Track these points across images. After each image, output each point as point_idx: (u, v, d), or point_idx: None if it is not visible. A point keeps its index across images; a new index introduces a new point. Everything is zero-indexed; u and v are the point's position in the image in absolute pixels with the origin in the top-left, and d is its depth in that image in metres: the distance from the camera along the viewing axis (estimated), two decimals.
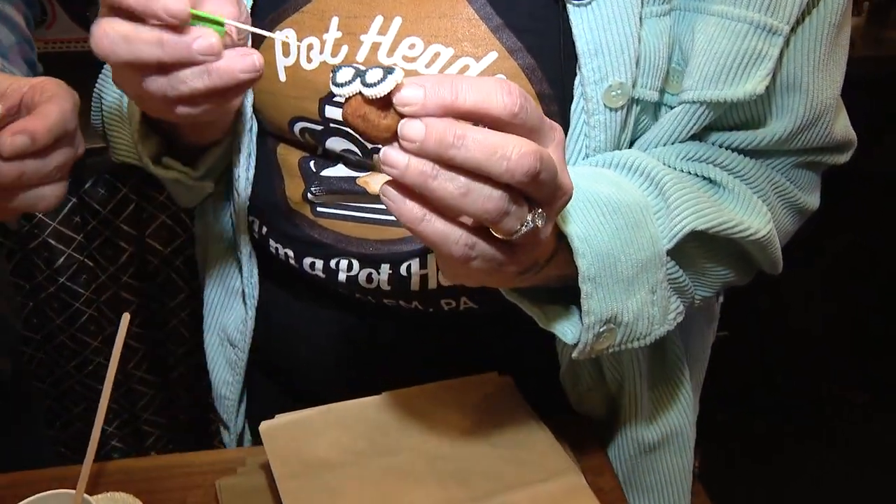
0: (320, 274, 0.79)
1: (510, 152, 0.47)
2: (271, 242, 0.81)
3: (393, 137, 0.48)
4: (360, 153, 0.73)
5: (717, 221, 0.66)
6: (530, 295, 0.65)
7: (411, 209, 0.49)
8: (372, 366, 0.82)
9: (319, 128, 0.73)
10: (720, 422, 1.26)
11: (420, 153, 0.47)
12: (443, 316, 0.78)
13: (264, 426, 0.73)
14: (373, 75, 0.48)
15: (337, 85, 0.49)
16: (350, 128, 0.50)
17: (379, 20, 0.68)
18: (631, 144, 0.71)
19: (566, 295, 0.66)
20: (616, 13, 0.64)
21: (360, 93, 0.48)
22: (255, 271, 0.84)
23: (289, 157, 0.78)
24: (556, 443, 0.73)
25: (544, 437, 0.74)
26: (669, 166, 0.69)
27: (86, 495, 0.68)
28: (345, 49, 0.70)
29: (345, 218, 0.76)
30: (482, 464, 0.70)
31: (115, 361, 0.73)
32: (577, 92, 0.67)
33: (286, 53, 0.72)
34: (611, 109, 0.66)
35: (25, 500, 0.66)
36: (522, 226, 0.50)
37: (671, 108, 0.69)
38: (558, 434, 0.74)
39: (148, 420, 1.65)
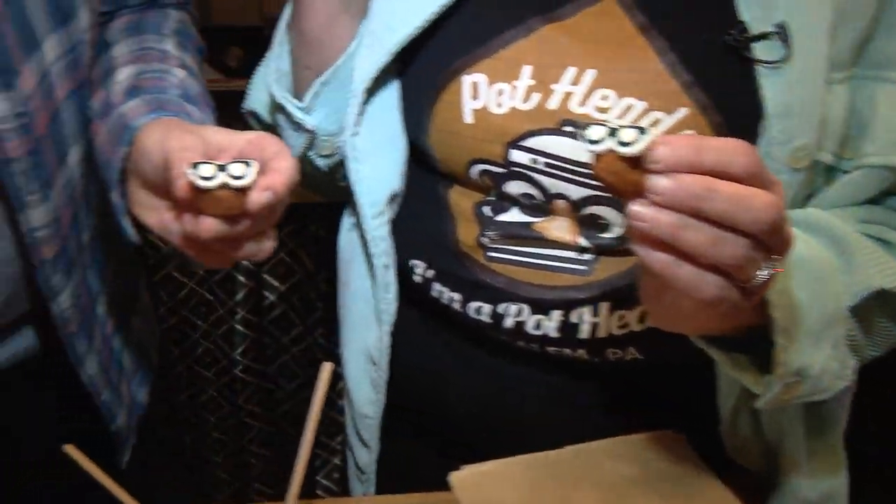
0: (486, 319, 0.80)
1: (756, 203, 0.50)
2: (435, 286, 0.82)
3: (637, 190, 0.50)
4: (541, 198, 0.74)
5: None
6: (716, 343, 0.67)
7: (663, 256, 0.51)
8: (525, 414, 0.83)
9: (502, 171, 0.75)
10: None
11: (669, 205, 0.50)
12: (606, 366, 0.79)
13: (455, 477, 0.74)
14: (627, 135, 0.50)
15: (591, 142, 0.51)
16: (600, 181, 0.52)
17: (572, 71, 0.71)
18: (804, 204, 0.72)
19: (744, 345, 0.67)
20: (805, 76, 0.66)
21: (612, 150, 0.50)
22: (393, 288, 0.85)
23: (462, 201, 0.79)
24: (736, 501, 0.74)
25: (725, 496, 0.74)
26: None
27: None
28: (536, 97, 0.72)
29: (518, 263, 0.78)
30: None
31: (318, 409, 0.73)
32: (762, 151, 0.68)
33: (475, 96, 0.74)
34: (794, 170, 0.68)
35: None
36: (760, 272, 0.53)
37: (844, 171, 0.71)
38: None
39: (255, 454, 1.68)
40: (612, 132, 0.50)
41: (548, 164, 0.72)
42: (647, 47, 0.70)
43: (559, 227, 0.75)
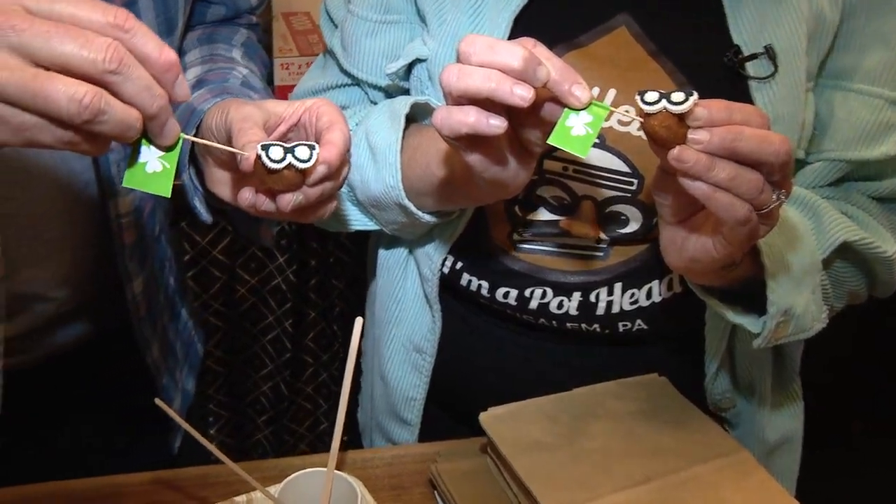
0: (512, 302, 0.92)
1: (775, 140, 0.65)
2: (465, 276, 0.94)
3: (680, 141, 0.65)
4: (570, 199, 0.87)
5: (861, 236, 0.84)
6: (717, 296, 0.82)
7: (704, 185, 0.65)
8: (545, 379, 0.95)
9: (535, 177, 0.87)
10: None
11: (706, 150, 0.64)
12: (616, 336, 0.93)
13: (484, 416, 0.87)
14: (677, 97, 0.64)
15: (647, 104, 0.65)
16: (651, 135, 0.66)
17: (595, 91, 0.83)
18: None
19: (740, 300, 0.82)
20: (790, 89, 0.81)
21: (665, 109, 0.64)
22: (437, 281, 0.95)
23: (496, 204, 0.90)
24: (720, 428, 0.89)
25: (710, 424, 0.89)
26: None
27: (338, 472, 0.80)
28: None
29: (543, 252, 0.90)
30: (668, 443, 0.85)
31: (352, 361, 0.83)
32: None
33: None
34: None
35: (287, 479, 0.78)
36: (772, 200, 0.67)
37: (808, 163, 0.87)
38: None
39: (222, 442, 1.75)
40: (665, 96, 0.64)
41: (576, 171, 0.86)
42: (658, 69, 0.82)
43: (583, 225, 0.88)
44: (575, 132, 0.67)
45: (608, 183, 0.85)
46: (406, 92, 0.93)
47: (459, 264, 0.94)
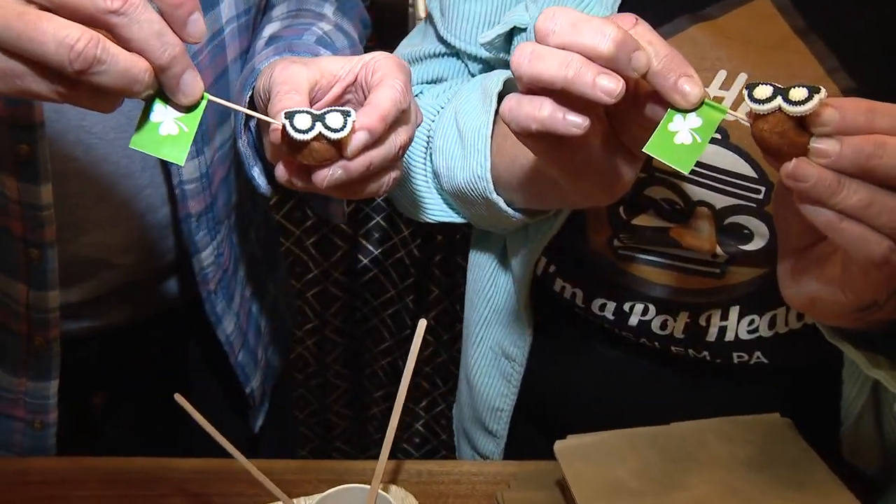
0: (609, 316, 0.80)
1: None
2: (558, 281, 0.83)
3: (799, 152, 0.50)
4: (683, 204, 0.73)
5: None
6: (852, 340, 0.66)
7: (830, 212, 0.50)
8: (644, 407, 0.82)
9: (643, 175, 0.73)
10: None
11: (835, 166, 0.49)
12: (729, 367, 0.79)
13: (559, 445, 0.75)
14: (797, 94, 0.49)
15: (756, 101, 0.50)
16: (761, 143, 0.51)
17: (722, 75, 0.69)
18: None
19: (881, 343, 0.66)
20: None
21: (780, 109, 0.49)
22: (529, 283, 0.84)
23: None
24: (851, 495, 0.73)
25: (838, 487, 0.74)
26: None
27: (381, 491, 0.71)
28: None
29: (648, 262, 0.77)
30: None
31: (412, 364, 0.74)
32: None
33: None
34: None
35: (324, 494, 0.70)
36: None
37: None
38: None
39: (338, 412, 1.71)
40: (781, 92, 0.49)
41: (692, 171, 0.71)
42: (804, 51, 0.67)
43: (697, 235, 0.74)
44: (679, 139, 0.53)
45: (729, 189, 0.71)
46: (507, 65, 0.81)
47: (553, 268, 0.83)
